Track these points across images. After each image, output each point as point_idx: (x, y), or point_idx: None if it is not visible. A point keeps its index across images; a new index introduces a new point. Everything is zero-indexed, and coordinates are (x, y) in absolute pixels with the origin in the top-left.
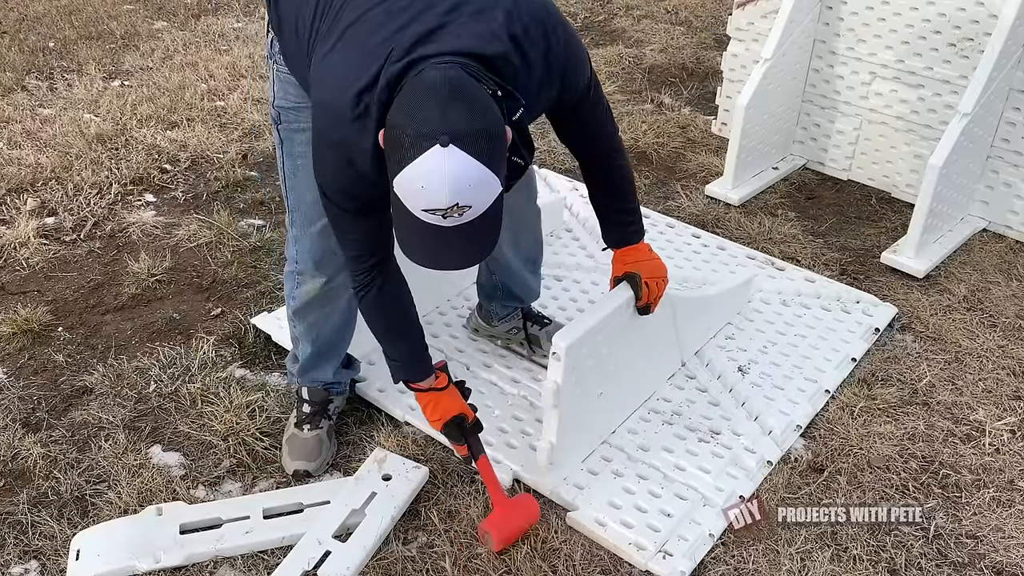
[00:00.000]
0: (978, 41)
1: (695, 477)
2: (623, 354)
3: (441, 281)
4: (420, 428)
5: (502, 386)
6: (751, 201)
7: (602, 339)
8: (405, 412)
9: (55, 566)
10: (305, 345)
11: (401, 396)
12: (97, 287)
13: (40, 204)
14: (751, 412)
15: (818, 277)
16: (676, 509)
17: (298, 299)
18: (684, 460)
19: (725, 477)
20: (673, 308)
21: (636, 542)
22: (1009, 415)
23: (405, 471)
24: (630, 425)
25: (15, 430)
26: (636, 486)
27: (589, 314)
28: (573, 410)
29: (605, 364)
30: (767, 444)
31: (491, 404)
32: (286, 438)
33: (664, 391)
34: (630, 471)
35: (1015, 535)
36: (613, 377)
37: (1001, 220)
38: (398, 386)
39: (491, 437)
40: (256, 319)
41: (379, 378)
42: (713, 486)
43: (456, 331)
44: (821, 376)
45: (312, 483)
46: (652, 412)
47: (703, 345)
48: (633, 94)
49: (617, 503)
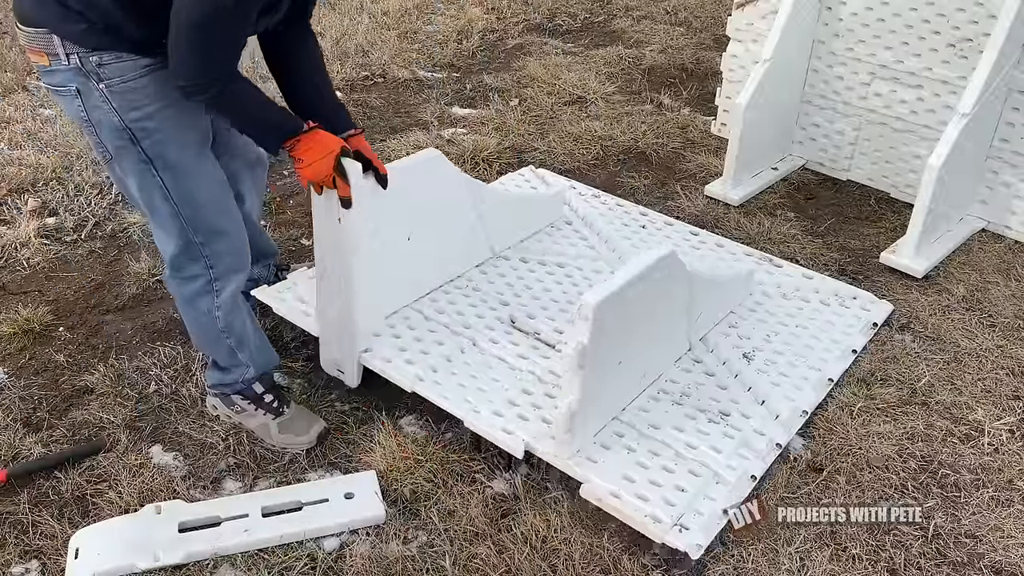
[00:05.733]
0: (977, 41)
1: (707, 455)
2: (641, 323)
3: (446, 261)
4: (429, 399)
5: (510, 361)
6: (750, 201)
7: (627, 302)
8: (413, 383)
9: (55, 566)
10: (245, 345)
11: (407, 367)
12: (98, 287)
13: (41, 204)
14: (758, 396)
15: (815, 274)
16: (690, 485)
17: (223, 307)
18: (695, 439)
19: (737, 457)
20: (690, 283)
21: (652, 514)
22: (1008, 415)
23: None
24: (640, 403)
25: (16, 430)
26: (649, 461)
27: (616, 276)
28: (594, 375)
29: (627, 329)
30: (776, 427)
31: (499, 379)
32: (278, 431)
33: (672, 373)
34: (642, 447)
35: (1014, 535)
36: (632, 346)
37: (1000, 220)
38: (404, 355)
39: (501, 410)
40: (256, 291)
41: (384, 348)
42: (725, 464)
43: (461, 308)
44: (824, 365)
45: (311, 483)
46: (661, 392)
47: (708, 331)
48: (633, 95)
49: (631, 477)
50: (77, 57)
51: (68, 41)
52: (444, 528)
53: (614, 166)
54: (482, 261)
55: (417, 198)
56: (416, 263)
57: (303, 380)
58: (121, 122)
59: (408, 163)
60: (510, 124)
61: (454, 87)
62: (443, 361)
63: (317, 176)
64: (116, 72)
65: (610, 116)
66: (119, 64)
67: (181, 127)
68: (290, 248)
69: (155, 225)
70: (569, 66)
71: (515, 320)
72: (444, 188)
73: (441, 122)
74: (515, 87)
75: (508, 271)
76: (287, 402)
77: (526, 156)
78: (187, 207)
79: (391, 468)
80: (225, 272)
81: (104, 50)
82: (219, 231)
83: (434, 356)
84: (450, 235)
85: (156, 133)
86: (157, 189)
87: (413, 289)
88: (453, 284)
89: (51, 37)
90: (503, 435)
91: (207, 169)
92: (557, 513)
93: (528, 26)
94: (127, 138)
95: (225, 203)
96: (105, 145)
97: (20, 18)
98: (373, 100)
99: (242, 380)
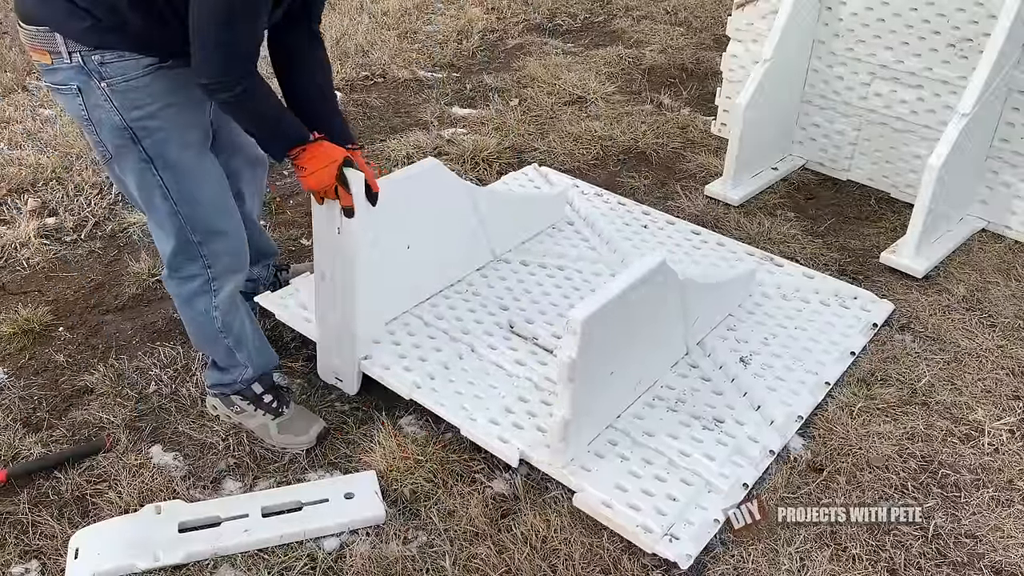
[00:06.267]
0: (977, 41)
1: (700, 463)
2: (634, 333)
3: (446, 266)
4: (427, 406)
5: (507, 368)
6: (750, 201)
7: (617, 315)
8: (411, 390)
9: (55, 566)
10: (244, 345)
11: (405, 374)
12: (98, 287)
13: (41, 204)
14: (753, 402)
15: (816, 273)
16: (682, 494)
17: (221, 307)
18: (689, 446)
19: (730, 465)
20: (683, 291)
21: (643, 524)
22: (1008, 415)
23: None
24: (635, 410)
25: (16, 430)
26: (642, 470)
27: (604, 290)
28: (585, 387)
29: (618, 341)
30: (770, 434)
31: (496, 385)
32: (278, 431)
33: (668, 378)
34: (636, 455)
35: (1014, 535)
36: (624, 356)
37: (1000, 220)
38: (403, 363)
39: (497, 417)
40: (259, 298)
41: (384, 355)
42: (718, 472)
43: (460, 314)
44: (821, 368)
45: (311, 483)
46: (657, 399)
47: (706, 335)
48: (633, 95)
49: (624, 486)
50: (79, 55)
51: (70, 39)
52: (444, 528)
53: (614, 166)
54: (483, 264)
55: (417, 207)
56: (416, 270)
57: (303, 380)
58: (122, 121)
59: (407, 174)
60: (510, 124)
61: (454, 87)
62: (440, 368)
63: (320, 185)
64: (118, 71)
65: (610, 116)
66: (121, 63)
67: (182, 126)
68: (290, 248)
69: (153, 224)
70: (569, 66)
71: (513, 325)
72: (444, 196)
73: (441, 122)
74: (515, 87)
75: (508, 274)
76: (287, 402)
77: (526, 156)
78: (186, 206)
79: (391, 468)
80: (223, 272)
81: (106, 49)
82: (218, 231)
83: (432, 363)
84: (451, 241)
85: (157, 132)
86: (157, 188)
87: (413, 295)
88: (453, 289)
89: (53, 35)
90: (499, 444)
91: (207, 168)
92: (557, 513)
93: (528, 26)
94: (128, 137)
95: (225, 203)
96: (105, 144)
97: (22, 16)
98: (373, 100)
99: (241, 380)
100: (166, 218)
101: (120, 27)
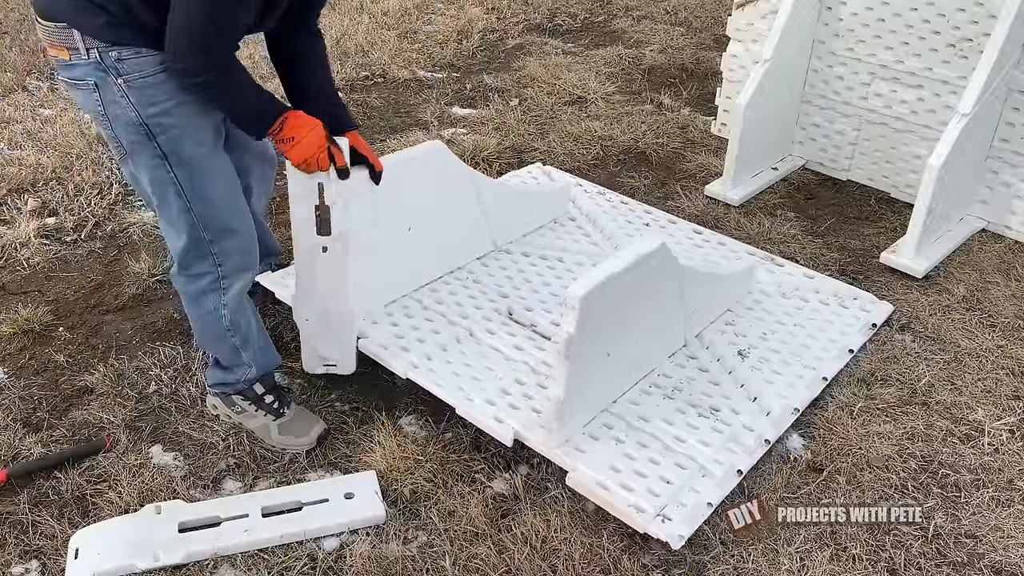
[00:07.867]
0: (977, 41)
1: (695, 449)
2: (632, 315)
3: (447, 252)
4: (423, 385)
5: (505, 352)
6: (751, 201)
7: (615, 293)
8: (407, 369)
9: (55, 566)
10: (250, 344)
11: (403, 353)
12: (98, 287)
13: (41, 204)
14: (750, 393)
15: (816, 274)
16: (676, 477)
17: (230, 305)
18: (684, 432)
19: (724, 451)
20: (681, 278)
21: (636, 504)
22: (1008, 415)
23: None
24: (631, 396)
25: (16, 430)
26: (637, 453)
27: (603, 267)
28: (581, 367)
29: (615, 321)
30: (766, 424)
31: (494, 368)
32: (278, 432)
33: (665, 367)
34: (631, 438)
35: (1014, 535)
36: (621, 338)
37: (1000, 220)
38: (401, 342)
39: (494, 398)
40: (259, 277)
41: (380, 335)
42: (712, 458)
43: (460, 299)
44: (819, 364)
45: (311, 483)
46: (653, 386)
47: (704, 328)
48: (633, 95)
49: (618, 467)
50: (97, 52)
51: (87, 36)
52: (444, 528)
53: (614, 166)
54: (484, 254)
55: (420, 189)
56: (416, 253)
57: (303, 380)
58: (138, 117)
59: (411, 154)
60: (510, 124)
61: (454, 87)
62: (438, 350)
63: (311, 149)
64: (135, 67)
65: (610, 116)
66: (138, 59)
67: (197, 123)
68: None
69: (164, 221)
70: (569, 66)
71: (512, 312)
72: (447, 180)
73: (441, 122)
74: (515, 87)
75: (509, 264)
76: (288, 403)
77: (526, 156)
78: (199, 203)
79: (391, 468)
80: (233, 270)
81: (123, 45)
82: (229, 229)
83: (430, 344)
84: (453, 227)
85: (173, 129)
86: (170, 184)
87: (413, 279)
88: (454, 275)
89: (71, 32)
90: (494, 423)
91: (220, 166)
92: (557, 513)
93: (528, 26)
94: (143, 133)
95: (237, 201)
96: (120, 140)
97: (40, 13)
98: (373, 100)
99: (244, 380)
100: (178, 215)
101: (135, 23)
